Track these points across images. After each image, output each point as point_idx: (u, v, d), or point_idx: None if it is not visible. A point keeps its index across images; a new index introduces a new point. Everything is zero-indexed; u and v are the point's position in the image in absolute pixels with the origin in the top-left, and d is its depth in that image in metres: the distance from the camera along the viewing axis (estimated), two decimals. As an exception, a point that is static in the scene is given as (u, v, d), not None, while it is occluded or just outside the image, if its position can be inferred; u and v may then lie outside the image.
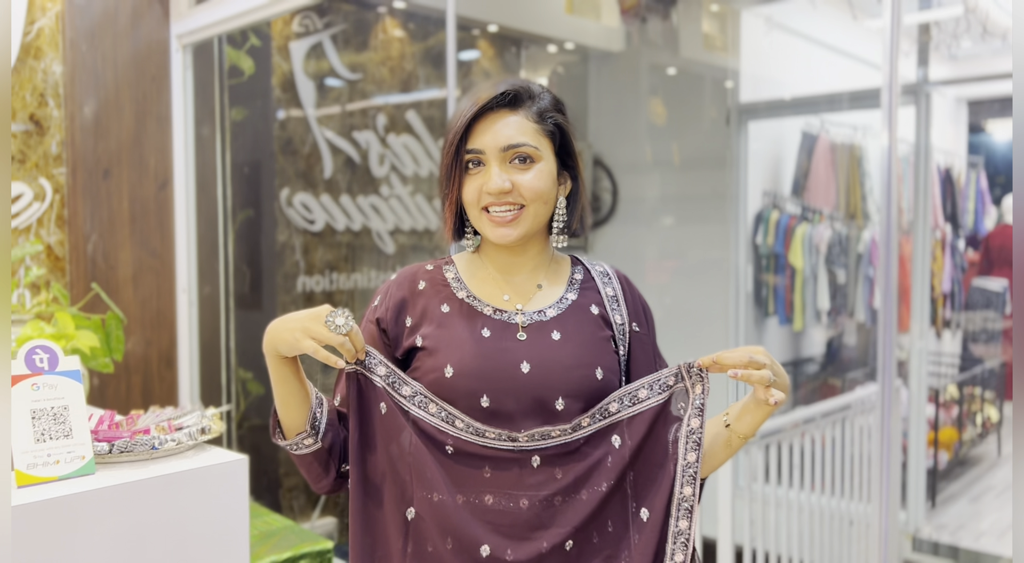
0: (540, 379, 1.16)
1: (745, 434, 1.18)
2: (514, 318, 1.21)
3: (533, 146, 1.16)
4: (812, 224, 4.54)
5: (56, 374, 1.19)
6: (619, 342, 1.24)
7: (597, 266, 1.31)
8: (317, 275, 3.01)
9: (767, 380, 1.11)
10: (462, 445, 1.13)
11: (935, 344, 5.72)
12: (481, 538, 1.10)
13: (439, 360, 1.18)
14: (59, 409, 1.18)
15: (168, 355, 2.51)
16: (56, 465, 1.15)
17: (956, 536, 3.84)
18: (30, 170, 2.24)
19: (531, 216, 1.18)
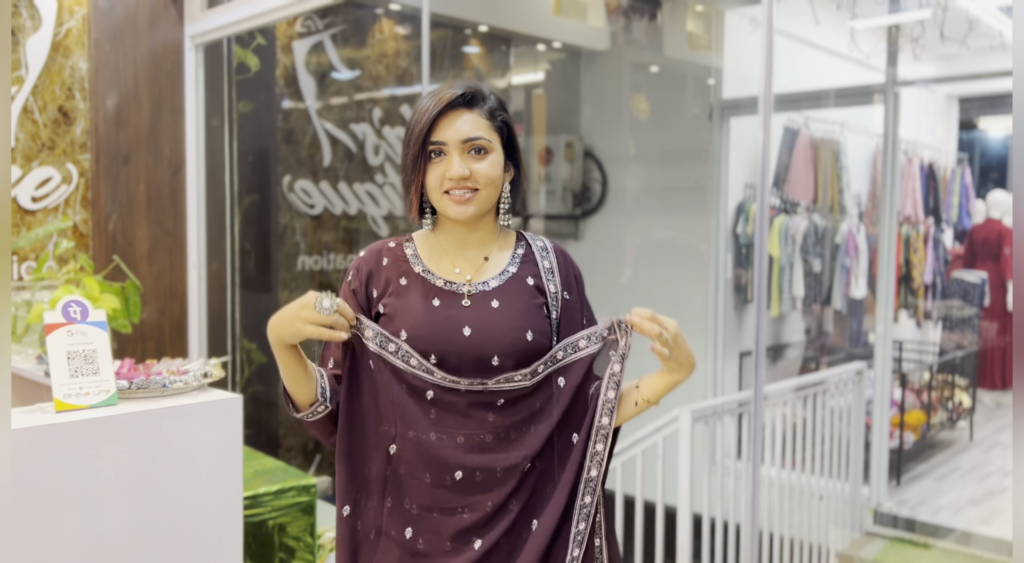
0: (479, 341, 1.34)
1: (648, 399, 1.40)
2: (461, 288, 1.38)
3: (487, 139, 1.35)
4: (789, 215, 4.76)
5: (87, 323, 1.46)
6: (551, 308, 1.42)
7: (538, 241, 1.48)
8: (316, 255, 3.28)
9: (655, 334, 1.33)
10: (440, 392, 1.33)
11: (914, 333, 5.93)
12: (454, 466, 1.33)
13: (396, 325, 1.36)
14: (89, 352, 1.45)
15: (179, 324, 2.79)
16: (86, 396, 1.42)
17: (915, 511, 4.08)
18: (58, 156, 2.51)
19: (484, 198, 1.36)
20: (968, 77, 5.23)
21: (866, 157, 5.46)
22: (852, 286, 4.95)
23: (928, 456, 4.97)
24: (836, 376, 3.73)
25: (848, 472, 3.89)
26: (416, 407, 1.35)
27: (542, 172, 4.60)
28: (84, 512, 1.42)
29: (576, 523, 1.37)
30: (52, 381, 1.40)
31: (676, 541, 2.97)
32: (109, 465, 1.42)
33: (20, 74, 2.39)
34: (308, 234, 3.26)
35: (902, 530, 3.98)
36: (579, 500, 1.38)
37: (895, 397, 4.69)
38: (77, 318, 1.45)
